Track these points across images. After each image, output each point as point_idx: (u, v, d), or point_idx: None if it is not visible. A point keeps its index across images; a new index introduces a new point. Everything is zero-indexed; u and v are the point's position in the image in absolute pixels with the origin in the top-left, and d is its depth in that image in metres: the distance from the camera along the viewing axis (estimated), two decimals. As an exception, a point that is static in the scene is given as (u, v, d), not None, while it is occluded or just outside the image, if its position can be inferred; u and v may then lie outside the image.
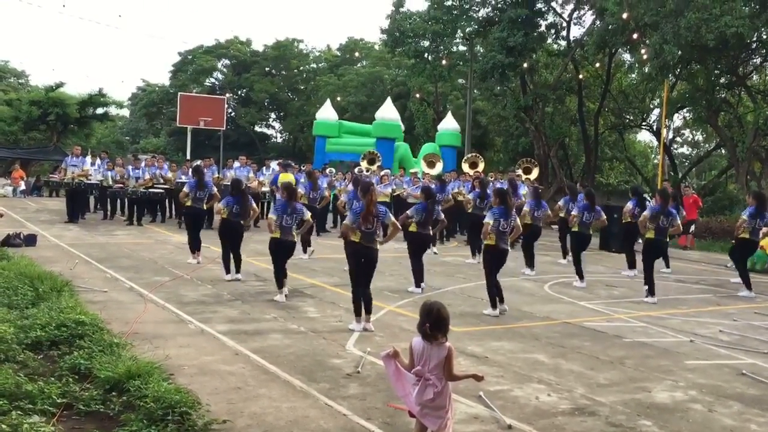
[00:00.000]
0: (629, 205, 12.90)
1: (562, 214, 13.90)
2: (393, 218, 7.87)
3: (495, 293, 8.78)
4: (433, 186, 13.38)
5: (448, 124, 28.12)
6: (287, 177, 15.28)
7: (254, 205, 10.75)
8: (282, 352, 6.51)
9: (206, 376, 5.65)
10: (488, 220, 8.74)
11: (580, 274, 11.35)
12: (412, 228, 10.20)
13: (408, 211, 10.26)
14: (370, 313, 7.61)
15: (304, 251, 12.80)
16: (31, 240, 12.84)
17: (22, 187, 27.68)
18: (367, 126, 28.23)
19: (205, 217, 12.95)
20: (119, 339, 6.31)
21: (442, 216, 10.88)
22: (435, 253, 14.31)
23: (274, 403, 5.11)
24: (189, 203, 11.74)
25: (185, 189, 11.89)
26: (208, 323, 7.49)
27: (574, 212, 11.91)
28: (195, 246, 11.74)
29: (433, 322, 3.98)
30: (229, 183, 14.66)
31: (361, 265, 7.60)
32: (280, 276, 9.05)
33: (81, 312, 6.97)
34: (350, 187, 17.75)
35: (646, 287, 10.26)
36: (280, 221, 8.97)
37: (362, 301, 7.53)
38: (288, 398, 5.23)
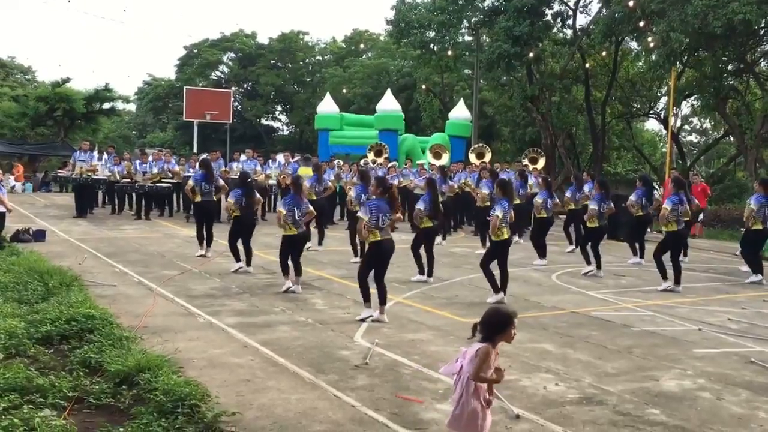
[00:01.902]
0: (633, 197, 12.63)
1: (572, 206, 13.77)
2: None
3: (494, 279, 8.86)
4: (437, 177, 13.37)
5: (459, 112, 27.97)
6: (306, 171, 15.34)
7: (258, 195, 10.87)
8: (290, 344, 6.54)
9: (215, 368, 5.69)
10: (498, 213, 8.71)
11: (598, 263, 11.31)
12: (427, 224, 10.13)
13: (419, 206, 10.14)
14: (385, 304, 7.68)
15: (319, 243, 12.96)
16: (40, 235, 12.92)
17: (12, 183, 27.32)
18: (368, 117, 28.15)
19: (215, 210, 12.98)
20: (129, 333, 6.37)
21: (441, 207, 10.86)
22: (442, 243, 14.31)
23: (282, 395, 5.14)
24: (198, 199, 11.77)
25: (190, 182, 11.94)
26: (217, 316, 7.53)
27: (592, 206, 11.50)
28: (207, 240, 11.82)
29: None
30: (236, 176, 14.68)
31: (386, 259, 7.77)
32: (287, 266, 9.13)
33: (91, 306, 7.03)
34: (355, 179, 17.76)
35: (667, 278, 10.13)
36: (291, 216, 9.03)
37: (378, 294, 7.64)
38: (296, 390, 5.26)
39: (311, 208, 9.52)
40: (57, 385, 4.89)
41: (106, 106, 38.32)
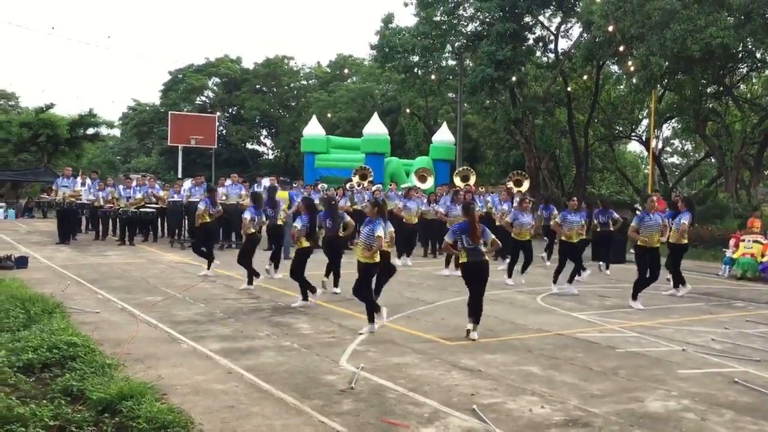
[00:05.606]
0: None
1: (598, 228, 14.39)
2: (492, 235, 8.35)
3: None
4: (399, 199, 13.95)
5: (443, 136, 28.06)
6: (282, 195, 15.46)
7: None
8: (275, 369, 6.49)
9: (199, 395, 5.64)
10: (379, 233, 8.39)
11: (575, 274, 12.09)
12: (304, 244, 9.86)
13: (296, 224, 9.86)
14: (478, 323, 8.11)
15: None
16: (22, 262, 12.79)
17: None
18: (355, 140, 28.22)
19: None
20: (111, 360, 6.29)
21: (348, 218, 10.80)
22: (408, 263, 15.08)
23: (267, 420, 5.10)
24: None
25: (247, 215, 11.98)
26: (201, 342, 7.47)
27: (574, 218, 12.40)
28: (275, 263, 12.61)
29: None
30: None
31: (475, 279, 8.18)
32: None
33: (73, 333, 6.95)
34: (343, 203, 17.86)
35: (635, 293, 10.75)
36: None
37: (472, 309, 8.14)
38: (281, 416, 5.22)
39: (347, 218, 10.54)
40: (38, 414, 4.81)
41: (90, 131, 38.23)
